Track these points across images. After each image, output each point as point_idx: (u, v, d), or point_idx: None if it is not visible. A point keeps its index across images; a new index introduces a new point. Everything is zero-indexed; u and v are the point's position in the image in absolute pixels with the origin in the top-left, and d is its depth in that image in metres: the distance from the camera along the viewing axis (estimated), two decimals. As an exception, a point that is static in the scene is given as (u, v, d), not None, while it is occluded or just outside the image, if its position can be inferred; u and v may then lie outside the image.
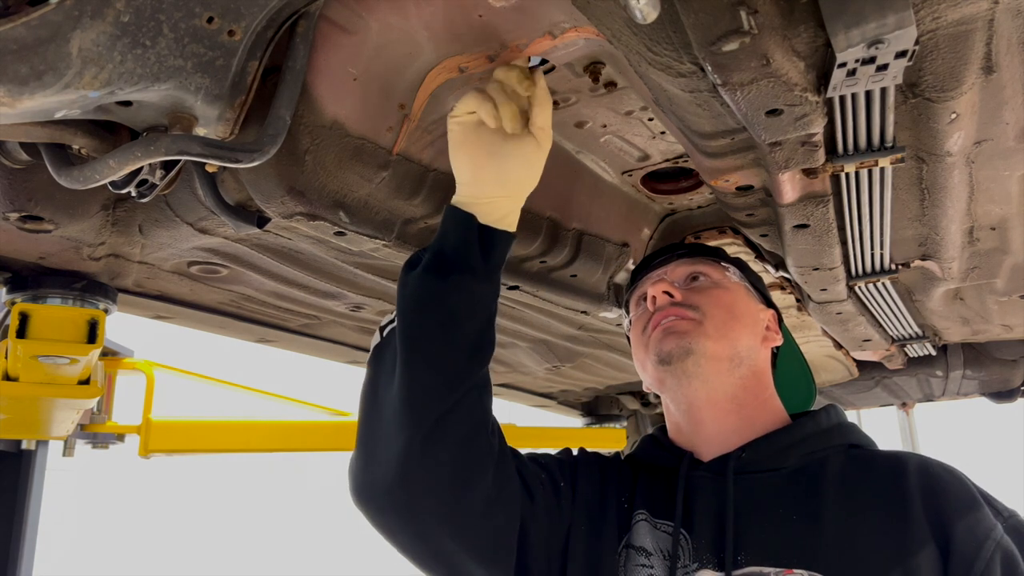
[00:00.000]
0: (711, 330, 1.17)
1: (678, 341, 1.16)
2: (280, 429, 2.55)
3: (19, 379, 1.59)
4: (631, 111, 1.40)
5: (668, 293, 1.21)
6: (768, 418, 1.19)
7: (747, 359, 1.19)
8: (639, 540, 1.11)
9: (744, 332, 1.20)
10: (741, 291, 1.27)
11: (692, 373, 1.15)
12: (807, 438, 1.14)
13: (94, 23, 0.73)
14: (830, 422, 1.18)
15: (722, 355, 1.16)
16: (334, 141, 1.13)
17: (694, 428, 1.20)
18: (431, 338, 1.04)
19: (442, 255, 1.07)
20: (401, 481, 1.01)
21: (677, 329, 1.17)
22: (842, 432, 1.16)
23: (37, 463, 2.35)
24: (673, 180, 1.75)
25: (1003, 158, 1.28)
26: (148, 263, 1.59)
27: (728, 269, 1.29)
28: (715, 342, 1.16)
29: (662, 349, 1.17)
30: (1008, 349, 3.02)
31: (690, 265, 1.28)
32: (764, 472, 1.10)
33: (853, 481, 1.05)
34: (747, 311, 1.25)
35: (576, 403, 3.66)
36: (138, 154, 0.86)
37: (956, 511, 0.97)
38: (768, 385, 1.24)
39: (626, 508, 1.17)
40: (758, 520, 1.04)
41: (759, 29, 0.84)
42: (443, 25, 1.09)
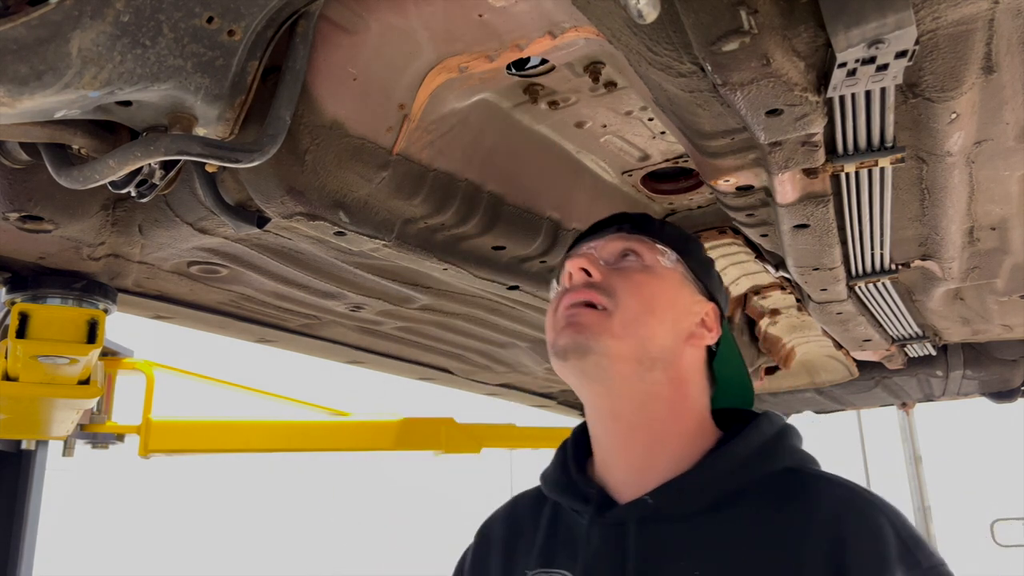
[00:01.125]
0: (618, 326, 1.00)
1: (575, 336, 1.00)
2: (280, 429, 2.55)
3: (19, 379, 1.59)
4: (631, 111, 1.40)
5: (586, 271, 1.06)
6: (688, 436, 1.03)
7: (661, 361, 1.02)
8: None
9: (660, 329, 1.03)
10: (672, 278, 1.09)
11: (592, 376, 1.01)
12: (725, 473, 0.99)
13: (94, 23, 0.73)
14: (756, 442, 1.01)
15: (627, 356, 1.00)
16: (334, 141, 1.13)
17: (605, 443, 1.07)
18: None
19: None
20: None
21: (579, 321, 1.01)
22: (769, 457, 1.01)
23: (37, 463, 2.35)
24: (673, 180, 1.75)
25: (1003, 158, 1.28)
26: (148, 263, 1.59)
27: (664, 252, 1.10)
28: (620, 340, 1.00)
29: (557, 342, 1.02)
30: (1008, 349, 3.02)
31: (625, 241, 1.10)
32: (669, 522, 0.97)
33: (759, 528, 0.93)
34: (671, 304, 1.06)
35: (576, 403, 3.66)
36: (138, 154, 0.86)
37: (856, 562, 0.87)
38: (689, 393, 1.06)
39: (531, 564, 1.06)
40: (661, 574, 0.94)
41: (759, 29, 0.84)
42: (443, 25, 1.09)
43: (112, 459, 2.52)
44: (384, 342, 2.30)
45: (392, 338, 2.25)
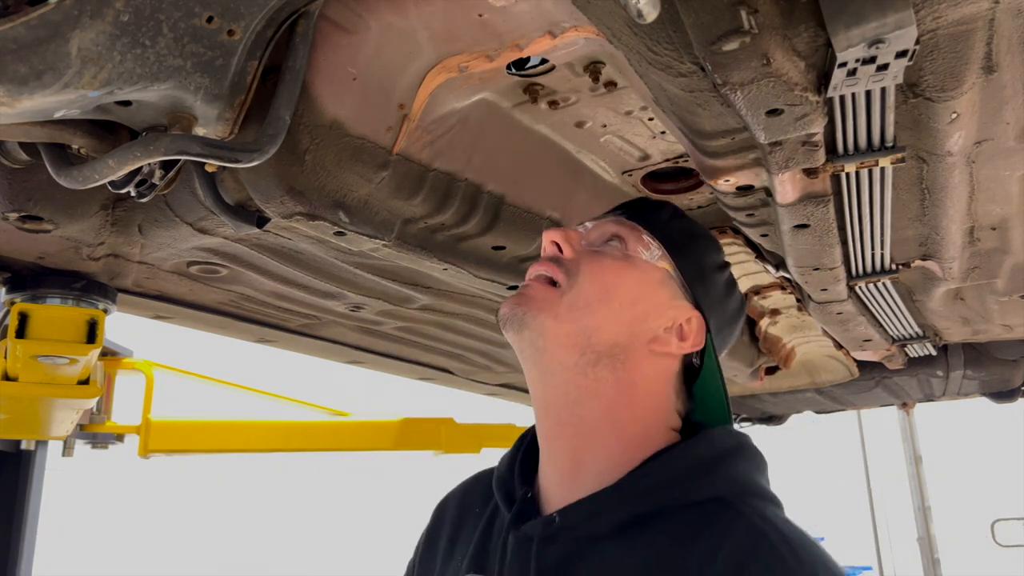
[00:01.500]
0: (564, 308, 0.93)
1: (515, 308, 0.93)
2: (280, 429, 2.55)
3: (19, 379, 1.59)
4: (631, 111, 1.40)
5: (558, 245, 0.99)
6: (622, 447, 0.93)
7: (608, 357, 0.93)
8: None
9: (611, 321, 0.94)
10: (649, 275, 0.98)
11: (527, 354, 0.95)
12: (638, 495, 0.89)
13: (93, 23, 0.73)
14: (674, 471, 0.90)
15: (566, 342, 0.92)
16: (334, 141, 1.13)
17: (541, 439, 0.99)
18: None
19: None
20: None
21: (526, 293, 0.95)
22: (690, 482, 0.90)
23: (37, 463, 2.35)
24: (673, 180, 1.75)
25: (1003, 158, 1.28)
26: (148, 263, 1.59)
27: (650, 245, 1.00)
28: (560, 323, 0.92)
29: (501, 309, 0.95)
30: (1008, 349, 3.02)
31: (616, 226, 1.02)
32: (574, 540, 0.90)
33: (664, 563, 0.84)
34: (633, 299, 0.96)
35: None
36: (137, 154, 0.86)
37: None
38: (637, 401, 0.94)
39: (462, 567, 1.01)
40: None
41: (759, 29, 0.84)
42: (443, 25, 1.09)
43: (112, 459, 2.52)
44: (384, 342, 2.30)
45: (392, 338, 2.25)
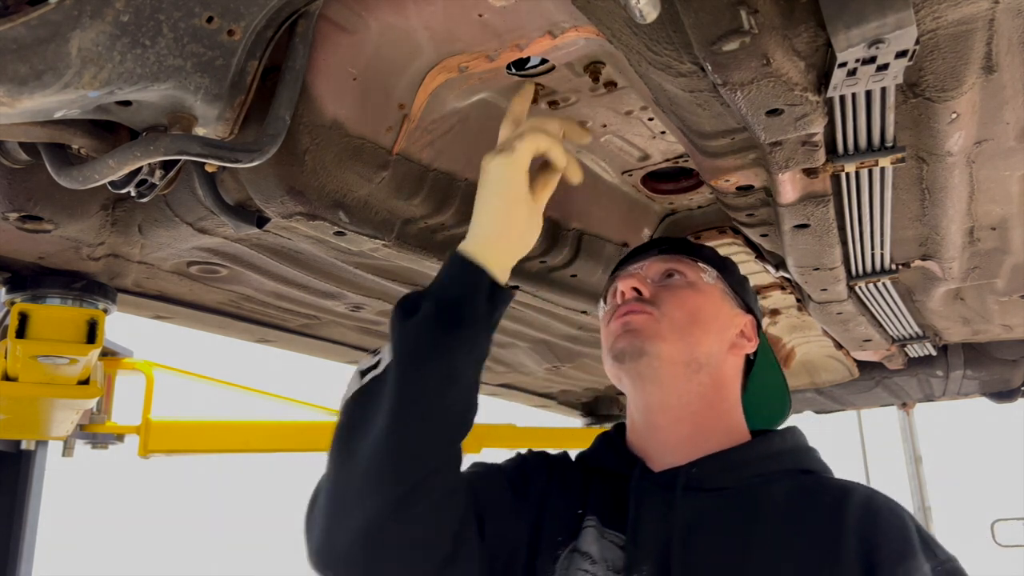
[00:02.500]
0: (667, 331, 1.13)
1: (632, 340, 1.13)
2: (280, 429, 2.55)
3: (19, 379, 1.59)
4: (631, 111, 1.40)
5: (636, 289, 1.18)
6: (724, 431, 1.16)
7: (707, 366, 1.15)
8: (585, 546, 1.08)
9: (706, 337, 1.16)
10: (714, 294, 1.22)
11: (646, 375, 1.12)
12: (758, 459, 1.11)
13: (93, 23, 0.73)
14: (784, 445, 1.15)
15: (677, 359, 1.13)
16: (334, 141, 1.13)
17: (648, 432, 1.17)
18: (429, 394, 0.95)
19: (449, 305, 0.99)
20: (366, 542, 0.93)
21: (633, 326, 1.14)
22: (795, 456, 1.14)
23: (37, 463, 2.35)
24: (673, 180, 1.75)
25: (1003, 158, 1.28)
26: (148, 263, 1.59)
27: (705, 270, 1.24)
28: (671, 345, 1.12)
29: (615, 346, 1.14)
30: (1008, 349, 3.02)
31: (667, 262, 1.24)
32: (709, 491, 1.07)
33: (793, 510, 1.03)
34: (715, 315, 1.20)
35: (576, 403, 3.66)
36: (138, 154, 0.86)
37: (888, 555, 0.95)
38: (729, 397, 1.19)
39: (579, 513, 1.13)
40: (696, 541, 1.02)
41: (759, 29, 0.84)
42: (443, 25, 1.09)
43: (112, 459, 2.52)
44: (384, 342, 2.30)
45: (392, 338, 2.25)
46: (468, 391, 1.00)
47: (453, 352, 0.97)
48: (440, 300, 1.00)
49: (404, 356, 0.98)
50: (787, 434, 1.17)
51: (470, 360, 0.99)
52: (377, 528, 0.93)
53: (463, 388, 0.99)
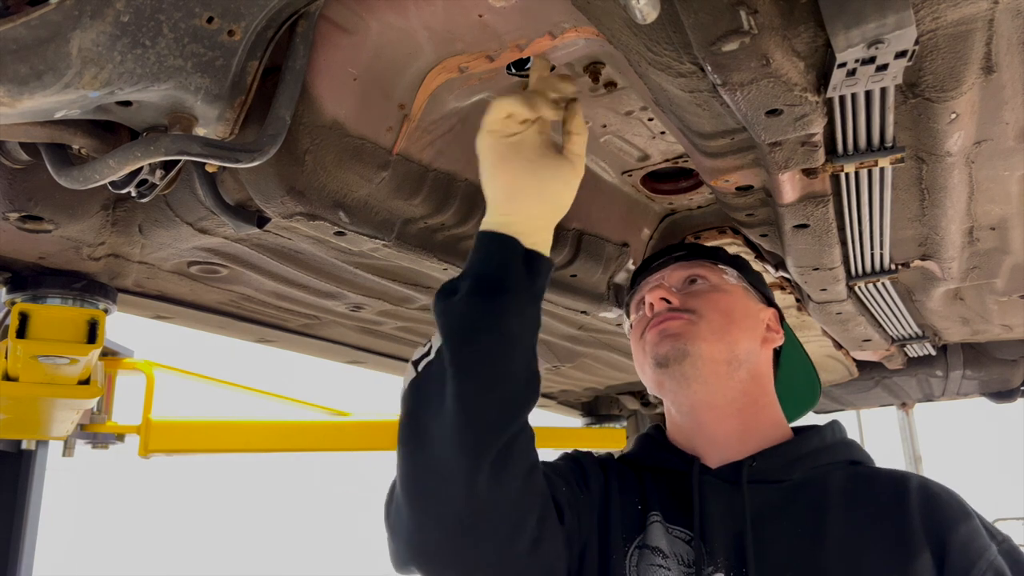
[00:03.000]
0: (707, 332, 1.16)
1: (674, 343, 1.15)
2: (280, 429, 2.55)
3: (19, 379, 1.59)
4: (631, 111, 1.40)
5: (665, 299, 1.21)
6: (769, 425, 1.19)
7: (746, 362, 1.18)
8: (654, 541, 1.09)
9: (742, 335, 1.19)
10: (739, 292, 1.26)
11: (690, 376, 1.14)
12: (812, 452, 1.14)
13: (94, 23, 0.73)
14: (834, 438, 1.18)
15: (719, 357, 1.15)
16: (334, 141, 1.13)
17: (696, 430, 1.19)
18: (487, 362, 0.94)
19: (486, 278, 0.98)
20: (460, 527, 0.91)
21: (672, 331, 1.16)
22: (845, 448, 1.17)
23: (37, 463, 2.35)
24: (673, 180, 1.75)
25: (1003, 158, 1.28)
26: (148, 263, 1.59)
27: (726, 271, 1.28)
28: (711, 344, 1.15)
29: (658, 352, 1.16)
30: (1008, 349, 3.03)
31: (687, 268, 1.27)
32: (771, 483, 1.10)
33: (856, 496, 1.06)
34: (745, 313, 1.23)
35: (576, 403, 3.66)
36: (138, 154, 0.86)
37: (952, 525, 0.99)
38: (768, 391, 1.23)
39: (640, 509, 1.14)
40: (766, 533, 1.04)
41: (759, 29, 0.84)
42: (443, 25, 1.09)
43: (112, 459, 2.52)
44: (384, 342, 2.30)
45: (392, 338, 2.25)
46: (525, 356, 0.98)
47: (500, 319, 0.95)
48: (476, 276, 0.98)
49: (454, 333, 0.96)
50: (834, 427, 1.20)
51: (520, 325, 0.97)
52: (469, 512, 0.91)
53: (520, 354, 0.97)
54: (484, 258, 1.00)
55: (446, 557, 0.94)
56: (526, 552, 0.95)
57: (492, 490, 0.91)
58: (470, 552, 0.93)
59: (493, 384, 0.93)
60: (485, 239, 1.01)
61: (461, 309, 0.96)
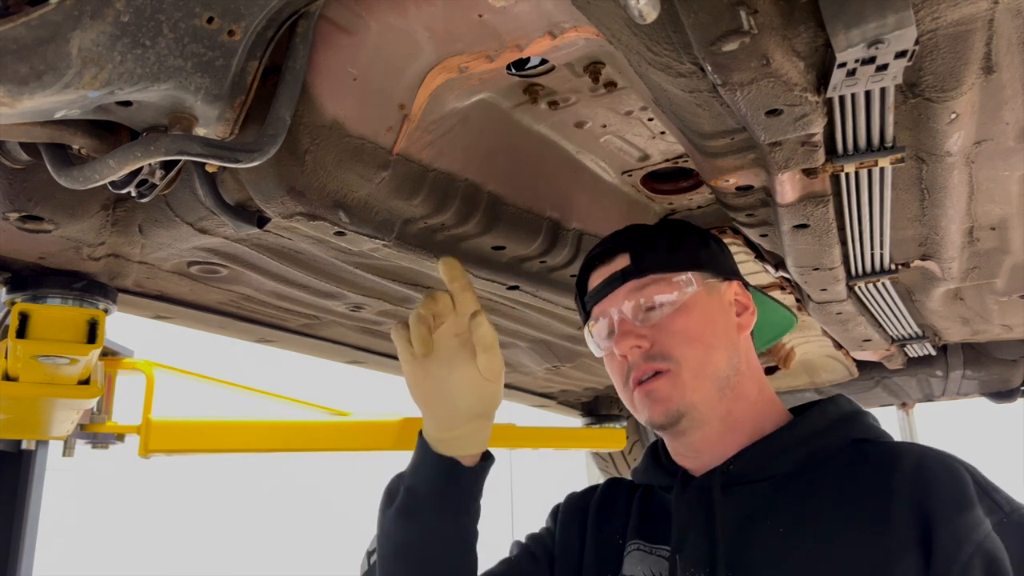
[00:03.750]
0: (690, 379, 1.10)
1: (666, 408, 1.10)
2: (280, 429, 2.55)
3: (19, 379, 1.59)
4: (631, 111, 1.40)
5: (638, 346, 1.12)
6: (760, 415, 1.14)
7: (732, 373, 1.13)
8: (629, 569, 1.11)
9: (721, 352, 1.13)
10: (701, 299, 1.14)
11: (687, 429, 1.11)
12: (801, 440, 1.08)
13: (94, 23, 0.73)
14: (827, 418, 1.11)
15: (709, 395, 1.11)
16: (334, 141, 1.13)
17: (685, 446, 1.17)
18: None
19: (414, 493, 1.10)
20: None
21: (660, 395, 1.10)
22: (843, 426, 1.10)
23: (37, 463, 2.35)
24: (673, 180, 1.75)
25: (1003, 158, 1.28)
26: (148, 263, 1.59)
27: (680, 281, 1.15)
28: (698, 392, 1.10)
29: (653, 419, 1.12)
30: (1008, 349, 3.03)
31: (640, 291, 1.15)
32: (755, 483, 1.06)
33: (845, 487, 1.00)
34: (714, 321, 1.14)
35: (576, 403, 3.66)
36: (138, 154, 0.86)
37: (942, 512, 0.92)
38: (756, 379, 1.17)
39: (619, 543, 1.16)
40: (748, 536, 1.01)
41: (759, 29, 0.84)
42: (443, 25, 1.09)
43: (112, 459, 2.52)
44: (384, 342, 2.30)
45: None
46: (453, 568, 1.10)
47: (421, 541, 1.09)
48: (407, 487, 1.12)
49: (382, 548, 1.12)
50: (828, 405, 1.12)
51: (445, 541, 1.09)
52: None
53: (445, 567, 1.09)
54: (413, 469, 1.12)
55: None
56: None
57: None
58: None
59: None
60: (417, 446, 1.13)
61: (389, 527, 1.11)
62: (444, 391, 1.08)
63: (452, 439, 1.10)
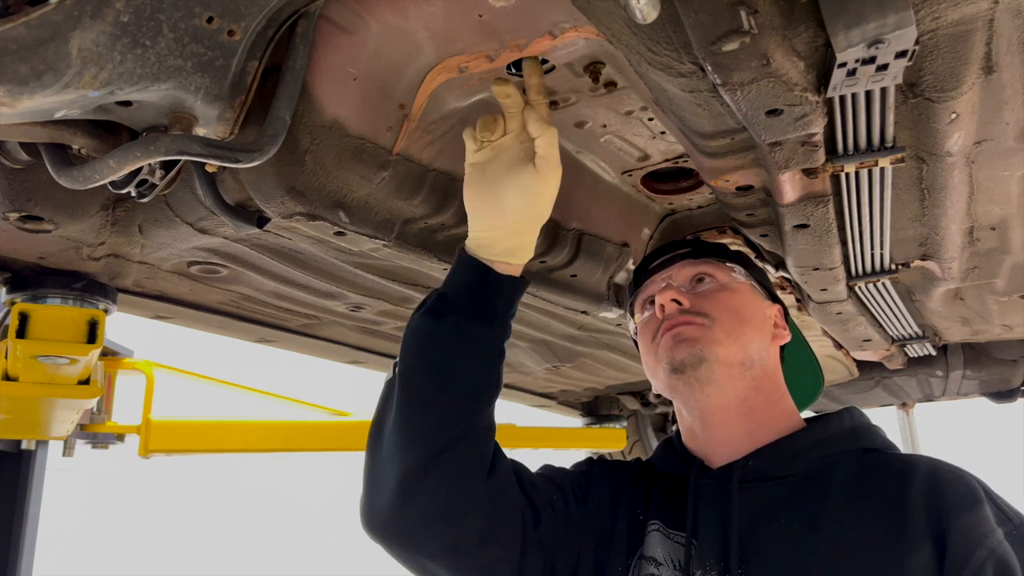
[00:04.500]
0: (721, 335, 1.15)
1: (690, 349, 1.14)
2: (280, 429, 2.55)
3: (19, 379, 1.59)
4: (631, 111, 1.40)
5: (676, 300, 1.19)
6: (780, 419, 1.17)
7: (758, 361, 1.17)
8: (651, 550, 1.11)
9: (754, 334, 1.19)
10: (747, 291, 1.25)
11: (705, 380, 1.13)
12: (816, 443, 1.11)
13: (94, 23, 0.73)
14: (842, 426, 1.15)
15: (734, 360, 1.15)
16: (334, 141, 1.13)
17: (706, 434, 1.19)
18: (425, 379, 1.07)
19: (444, 297, 1.11)
20: (397, 514, 1.06)
21: (688, 336, 1.15)
22: (856, 436, 1.14)
23: (37, 463, 2.35)
24: (673, 180, 1.75)
25: (1003, 158, 1.28)
26: (148, 263, 1.59)
27: (733, 269, 1.26)
28: (726, 348, 1.14)
29: (674, 358, 1.15)
30: (1008, 349, 3.02)
31: (694, 266, 1.25)
32: (771, 480, 1.08)
33: (858, 490, 1.03)
34: (755, 312, 1.22)
35: (576, 403, 3.66)
36: (138, 154, 0.86)
37: (955, 515, 0.94)
38: (779, 385, 1.22)
39: (640, 520, 1.16)
40: (762, 531, 1.03)
41: (759, 29, 0.84)
42: (443, 25, 1.09)
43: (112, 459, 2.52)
44: (384, 342, 2.30)
45: (392, 338, 2.25)
46: (472, 375, 1.08)
47: (443, 337, 1.08)
48: (440, 292, 1.12)
49: (405, 345, 1.11)
50: (844, 415, 1.17)
51: (468, 344, 1.08)
52: (401, 505, 1.05)
53: (464, 372, 1.07)
54: (449, 276, 1.13)
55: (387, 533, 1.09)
56: (474, 545, 1.07)
57: (416, 491, 1.04)
58: (406, 532, 1.07)
59: (427, 399, 1.06)
60: (456, 256, 1.14)
61: (414, 325, 1.11)
62: (495, 187, 1.09)
63: (492, 239, 1.11)
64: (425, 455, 1.04)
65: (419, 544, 1.08)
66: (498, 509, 1.09)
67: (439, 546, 1.07)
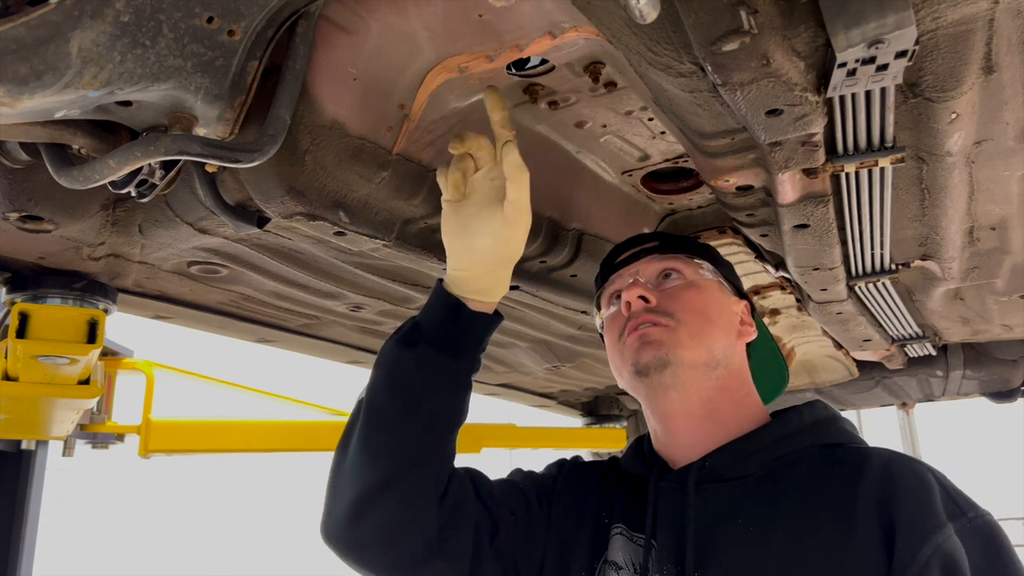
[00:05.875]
0: (686, 338, 1.13)
1: (655, 352, 1.12)
2: (280, 429, 2.55)
3: (19, 379, 1.59)
4: (631, 111, 1.40)
5: (643, 298, 1.17)
6: (745, 418, 1.15)
7: (723, 361, 1.16)
8: (613, 555, 1.12)
9: (720, 334, 1.17)
10: (714, 288, 1.22)
11: (669, 384, 1.12)
12: (776, 442, 1.10)
13: (94, 23, 0.73)
14: (802, 422, 1.13)
15: (699, 362, 1.13)
16: (334, 141, 1.13)
17: (668, 436, 1.18)
18: (391, 404, 1.11)
19: (417, 327, 1.15)
20: (350, 529, 1.10)
21: (653, 339, 1.13)
22: (817, 431, 1.12)
23: (37, 463, 2.35)
24: (673, 180, 1.75)
25: (1003, 158, 1.28)
26: (148, 263, 1.59)
27: (701, 265, 1.23)
28: (691, 351, 1.12)
29: (639, 360, 1.13)
30: (1008, 349, 3.02)
31: (661, 261, 1.23)
32: (728, 481, 1.07)
33: (814, 487, 1.02)
34: (722, 310, 1.20)
35: (576, 403, 3.66)
36: (138, 154, 0.86)
37: (904, 514, 0.92)
38: (745, 382, 1.20)
39: (606, 523, 1.17)
40: (719, 533, 1.03)
41: (759, 29, 0.84)
42: (443, 25, 1.09)
43: (112, 459, 2.52)
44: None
45: (392, 338, 2.25)
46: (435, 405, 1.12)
47: (410, 367, 1.11)
48: (414, 321, 1.17)
49: (374, 370, 1.16)
50: (804, 410, 1.15)
51: (433, 375, 1.11)
52: (352, 522, 1.10)
53: (426, 402, 1.11)
54: (425, 307, 1.17)
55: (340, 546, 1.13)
56: (420, 561, 1.10)
57: (368, 511, 1.09)
58: (356, 547, 1.12)
59: (386, 425, 1.10)
60: (433, 290, 1.17)
61: (385, 351, 1.15)
62: (467, 229, 1.11)
63: (465, 279, 1.14)
64: (383, 477, 1.08)
65: (367, 560, 1.12)
66: (447, 527, 1.11)
67: (384, 564, 1.11)
